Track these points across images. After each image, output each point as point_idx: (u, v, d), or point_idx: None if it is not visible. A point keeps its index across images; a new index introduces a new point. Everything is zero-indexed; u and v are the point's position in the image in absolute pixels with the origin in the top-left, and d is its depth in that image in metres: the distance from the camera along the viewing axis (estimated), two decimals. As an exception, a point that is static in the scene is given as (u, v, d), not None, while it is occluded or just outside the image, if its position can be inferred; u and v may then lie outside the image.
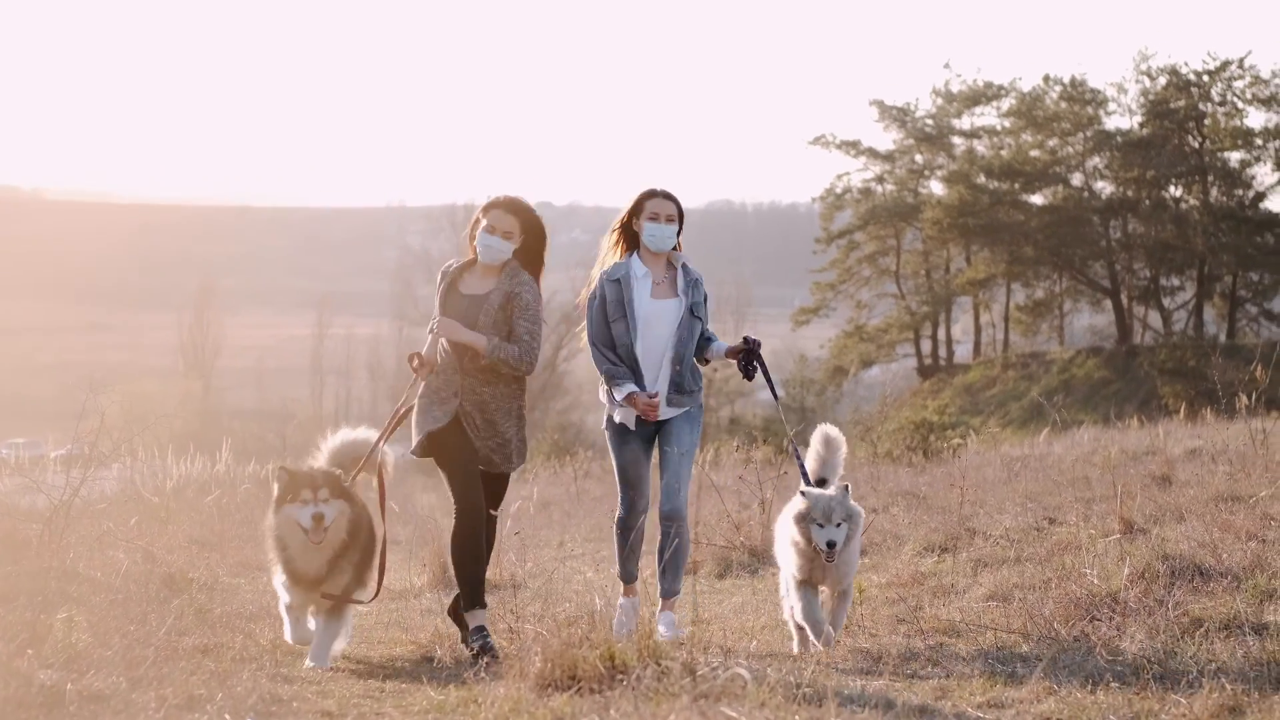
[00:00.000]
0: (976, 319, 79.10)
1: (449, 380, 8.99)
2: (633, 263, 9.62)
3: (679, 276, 9.67)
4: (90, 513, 12.34)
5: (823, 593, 8.70)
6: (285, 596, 8.89)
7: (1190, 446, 18.31)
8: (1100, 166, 72.90)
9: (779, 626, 9.41)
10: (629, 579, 9.72)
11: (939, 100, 77.70)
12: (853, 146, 77.60)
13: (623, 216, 9.73)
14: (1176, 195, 71.69)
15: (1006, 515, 12.97)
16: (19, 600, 8.27)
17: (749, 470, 14.32)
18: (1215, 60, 70.06)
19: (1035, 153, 73.83)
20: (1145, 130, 70.92)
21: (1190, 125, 70.28)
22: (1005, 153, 74.77)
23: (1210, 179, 70.28)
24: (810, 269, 79.06)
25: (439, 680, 8.06)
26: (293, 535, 8.63)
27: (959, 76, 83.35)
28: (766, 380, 9.79)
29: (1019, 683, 7.24)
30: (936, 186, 77.33)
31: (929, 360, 77.55)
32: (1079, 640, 8.18)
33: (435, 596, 11.27)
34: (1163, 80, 70.93)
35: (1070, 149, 73.34)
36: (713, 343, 9.76)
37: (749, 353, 9.65)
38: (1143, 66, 72.06)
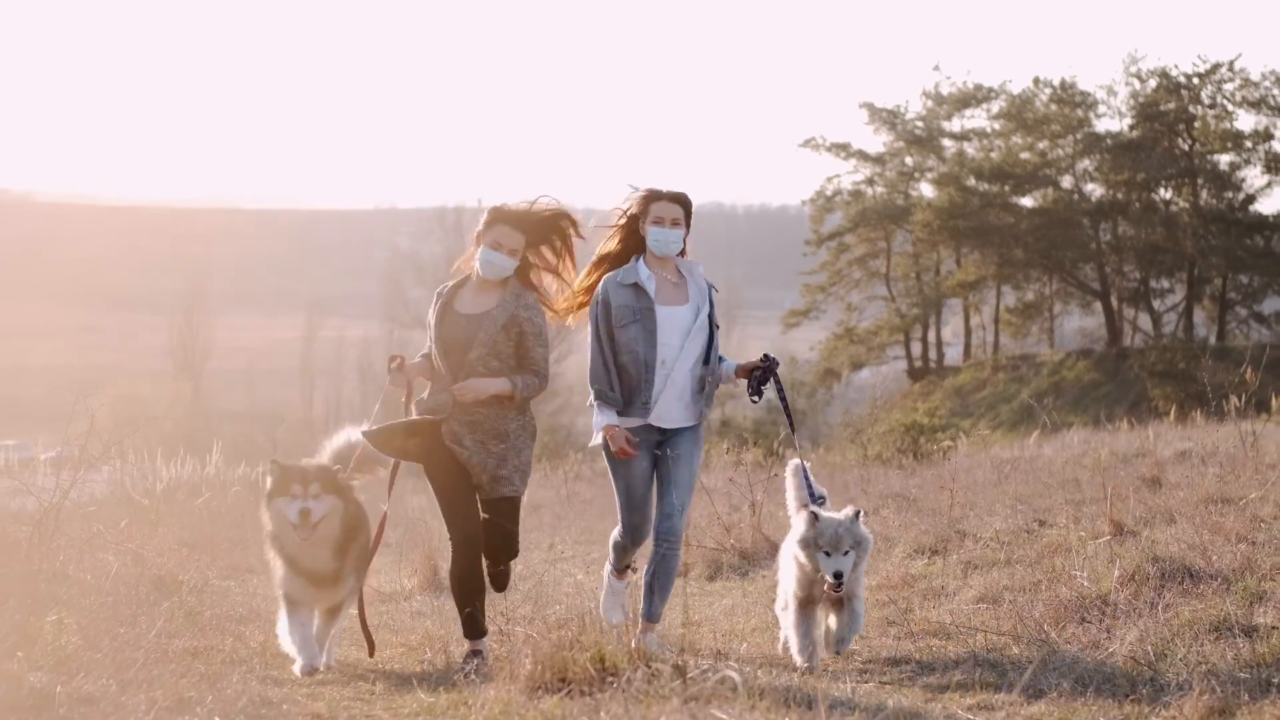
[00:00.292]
0: (966, 321, 79.12)
1: (441, 403, 8.70)
2: (639, 267, 9.13)
3: (689, 283, 9.19)
4: (80, 515, 12.29)
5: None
6: (285, 586, 8.55)
7: (1180, 449, 18.32)
8: (1090, 169, 72.99)
9: (769, 629, 9.41)
10: (622, 571, 9.46)
11: (929, 103, 77.83)
12: (843, 149, 77.64)
13: (624, 212, 9.29)
14: (1166, 198, 71.81)
15: (997, 517, 12.97)
16: (9, 603, 8.24)
17: (739, 472, 14.31)
18: (1205, 63, 70.27)
19: (1025, 155, 73.94)
20: (1135, 133, 71.05)
21: (1180, 128, 70.42)
22: (995, 155, 74.88)
23: (1200, 181, 70.38)
24: (800, 271, 79.04)
25: (429, 683, 8.05)
26: (285, 531, 8.47)
27: (949, 79, 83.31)
28: (783, 406, 9.34)
29: (1009, 685, 7.24)
30: (926, 189, 77.45)
31: (919, 363, 77.60)
32: (1069, 642, 8.19)
33: (425, 599, 11.28)
34: (1153, 83, 71.07)
35: (1060, 151, 73.46)
36: (723, 362, 9.25)
37: (765, 370, 9.17)
38: (1133, 69, 72.25)
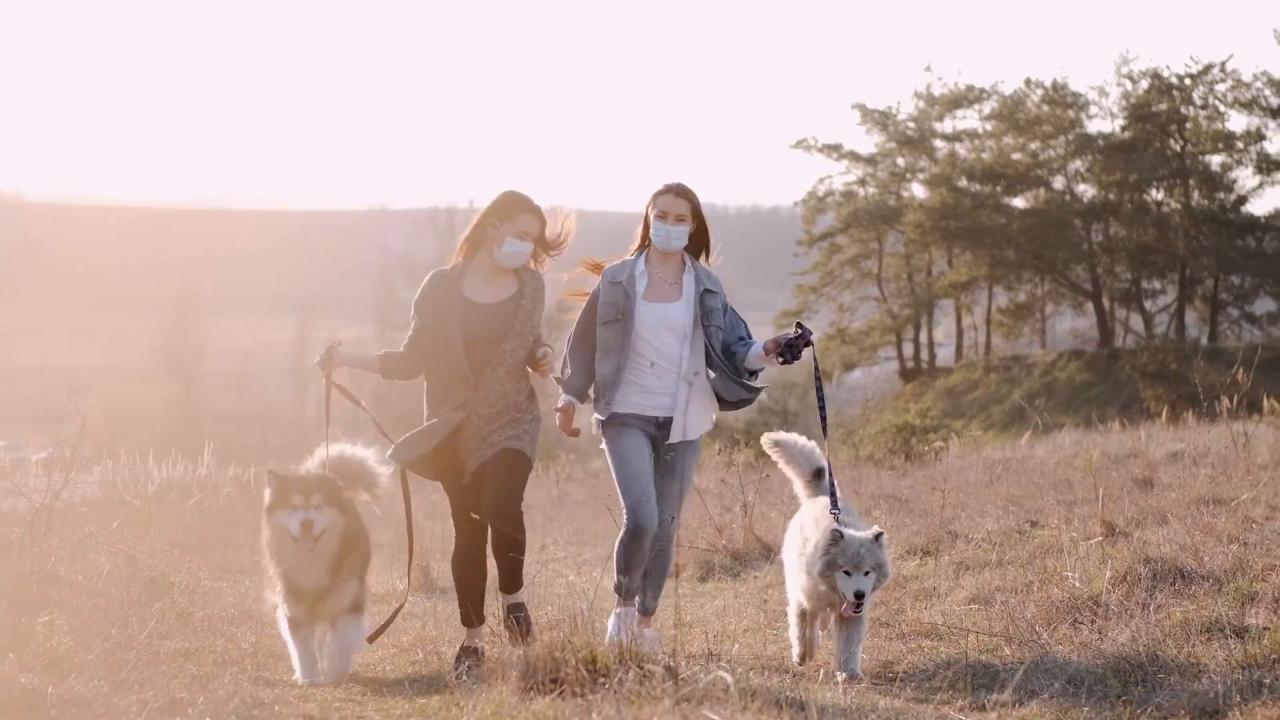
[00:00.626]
0: (958, 322, 79.20)
1: (449, 391, 8.54)
2: (638, 263, 9.00)
3: (685, 279, 8.99)
4: (72, 516, 12.28)
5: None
6: (285, 610, 8.31)
7: (1172, 449, 18.33)
8: (1082, 170, 73.08)
9: (761, 629, 9.41)
10: (631, 595, 8.92)
11: (920, 103, 77.89)
12: (835, 150, 77.67)
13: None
14: (1158, 198, 71.87)
15: (988, 518, 12.98)
16: (0, 604, 8.24)
17: (731, 473, 14.31)
18: (1197, 64, 70.38)
19: (1017, 156, 74.00)
20: (1127, 133, 71.12)
21: (1172, 128, 70.47)
22: (987, 156, 74.92)
23: (1192, 182, 70.43)
24: (792, 272, 79.07)
25: (421, 684, 8.05)
26: (284, 544, 8.16)
27: (940, 80, 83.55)
28: (818, 389, 9.04)
29: (1001, 686, 7.24)
30: (918, 189, 77.57)
31: (911, 363, 77.64)
32: (1061, 643, 8.20)
33: (417, 600, 11.26)
34: (1144, 83, 71.13)
35: (1052, 152, 73.52)
36: (750, 347, 8.90)
37: (798, 339, 8.65)
38: (1124, 70, 72.32)
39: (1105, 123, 74.37)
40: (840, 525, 8.05)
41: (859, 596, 7.84)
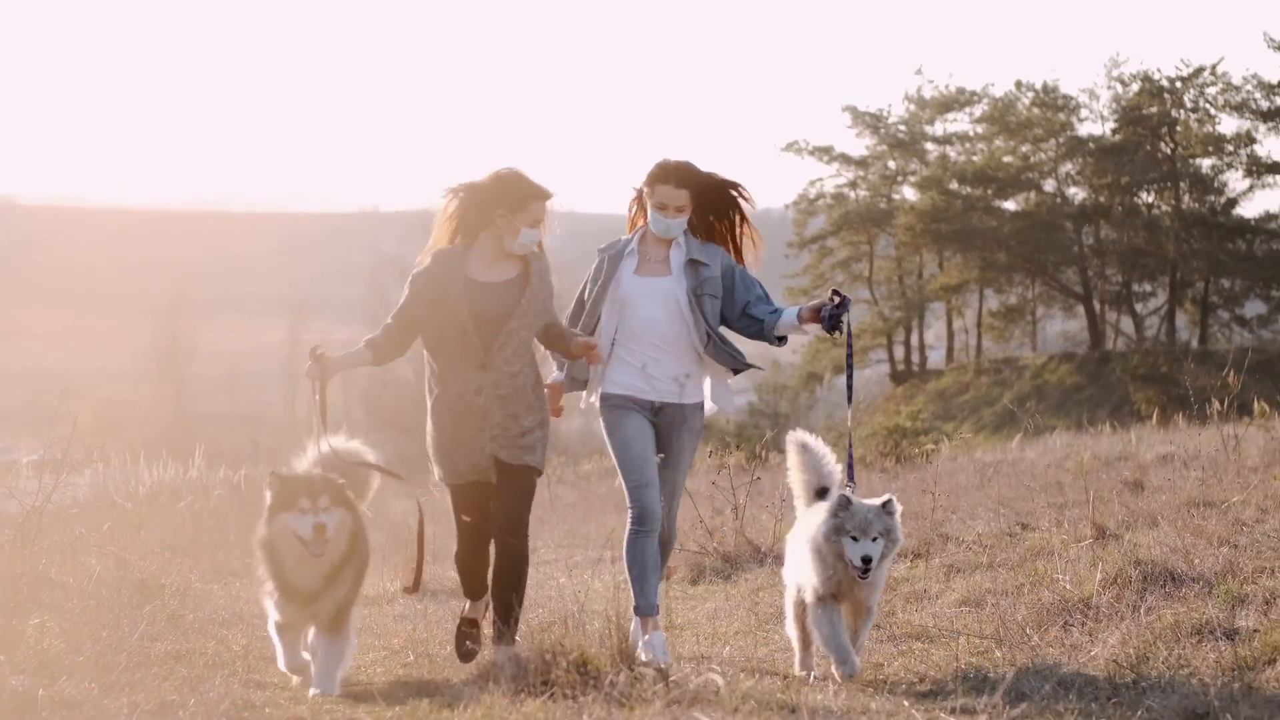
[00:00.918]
0: (949, 325, 79.18)
1: (471, 377, 8.33)
2: (628, 243, 8.94)
3: (673, 255, 8.87)
4: (62, 518, 12.29)
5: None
6: (275, 614, 8.12)
7: (1162, 452, 18.33)
8: (1073, 172, 73.14)
9: (752, 632, 9.41)
10: (649, 610, 8.60)
11: (912, 106, 77.94)
12: (826, 152, 77.70)
13: (638, 191, 9.01)
14: (1149, 201, 71.93)
15: (979, 521, 12.98)
16: (-10, 606, 8.25)
17: (722, 475, 14.31)
18: (1188, 66, 70.37)
19: (1008, 159, 74.04)
20: (1118, 136, 71.17)
21: (1163, 131, 70.53)
22: (978, 158, 74.97)
23: (1182, 185, 70.50)
24: (783, 274, 79.00)
25: (412, 686, 8.04)
26: (289, 547, 7.85)
27: (931, 83, 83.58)
28: (848, 358, 8.97)
29: (991, 689, 7.23)
30: (909, 192, 77.55)
31: (902, 366, 77.64)
32: (1051, 646, 8.21)
33: (409, 603, 11.25)
34: (1135, 86, 71.19)
35: (1043, 155, 73.58)
36: (780, 317, 8.73)
37: (838, 308, 8.48)
38: (1115, 73, 72.40)
39: (1096, 125, 74.51)
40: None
41: (866, 561, 7.69)
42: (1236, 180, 70.71)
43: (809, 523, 8.18)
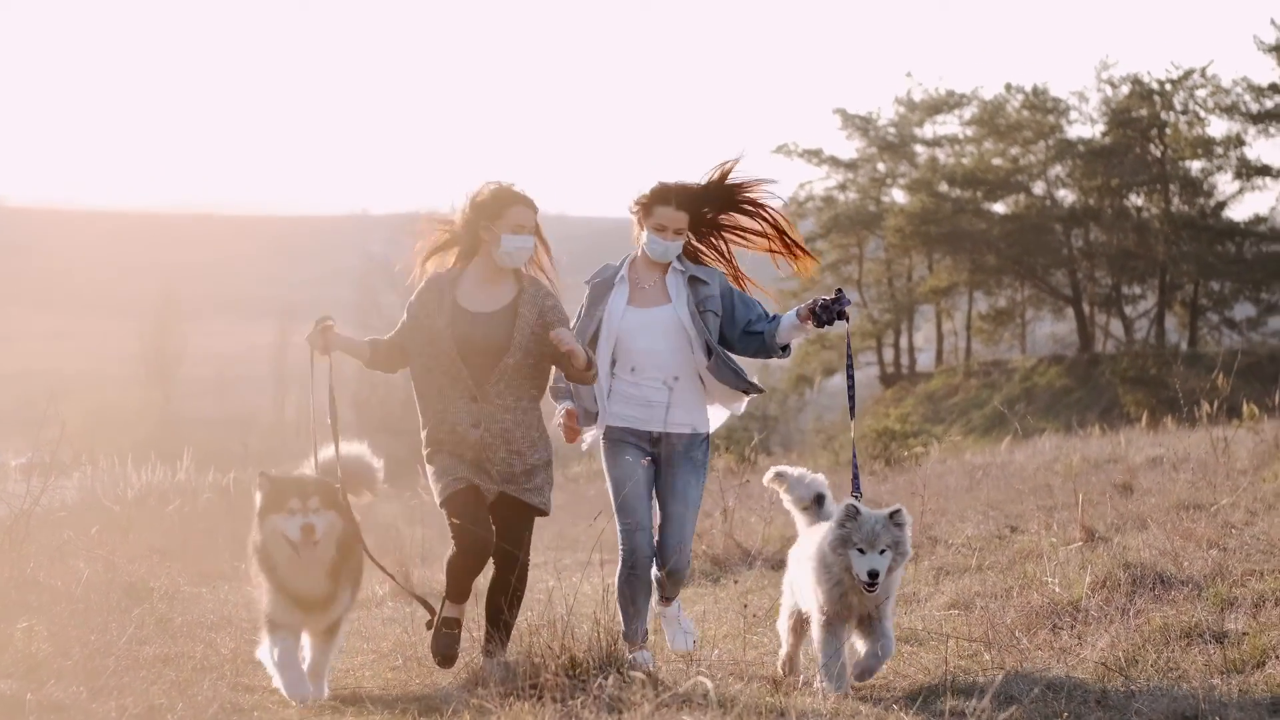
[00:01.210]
0: (939, 327, 79.16)
1: (464, 410, 8.11)
2: (617, 270, 8.66)
3: (668, 277, 8.63)
4: (51, 522, 12.26)
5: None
6: (276, 619, 7.83)
7: (1152, 455, 18.35)
8: (1062, 175, 73.09)
9: (741, 635, 9.39)
10: (637, 637, 8.48)
11: (901, 109, 77.87)
12: (815, 155, 77.64)
13: (638, 200, 8.70)
14: (1138, 204, 71.88)
15: (968, 523, 13.00)
16: (-22, 610, 8.23)
17: (710, 479, 14.32)
18: (1177, 69, 70.33)
19: (997, 161, 74.00)
20: (1107, 139, 71.15)
21: (1152, 134, 70.50)
22: (967, 161, 74.90)
23: (1172, 188, 70.49)
24: (773, 277, 78.69)
25: (401, 690, 8.03)
26: (280, 550, 7.72)
27: (921, 85, 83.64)
28: (848, 362, 8.92)
29: (980, 692, 7.22)
30: (899, 195, 77.46)
31: (891, 368, 77.61)
32: (1040, 649, 8.21)
33: (397, 606, 11.24)
34: (1125, 89, 71.15)
35: (1032, 157, 73.53)
36: (780, 323, 8.63)
37: (835, 302, 8.40)
38: (1104, 75, 72.35)
39: (1085, 128, 74.50)
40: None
41: (873, 576, 7.35)
42: (1226, 183, 70.73)
43: (811, 540, 7.94)
